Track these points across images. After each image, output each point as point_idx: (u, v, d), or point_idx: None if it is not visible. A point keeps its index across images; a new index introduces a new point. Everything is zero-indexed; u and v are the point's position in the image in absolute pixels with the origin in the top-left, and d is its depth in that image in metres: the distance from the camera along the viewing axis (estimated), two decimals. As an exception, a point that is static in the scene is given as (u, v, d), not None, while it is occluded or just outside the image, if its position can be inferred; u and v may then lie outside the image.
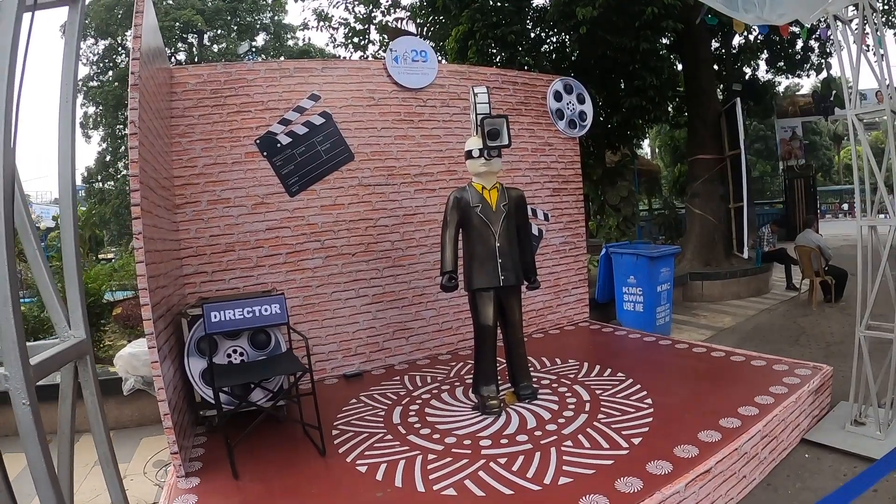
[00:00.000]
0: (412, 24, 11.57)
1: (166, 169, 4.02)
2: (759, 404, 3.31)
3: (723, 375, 4.01)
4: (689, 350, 4.70)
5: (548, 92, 5.71)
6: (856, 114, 3.41)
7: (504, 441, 3.14)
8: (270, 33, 24.29)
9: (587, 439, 3.05)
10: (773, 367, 3.99)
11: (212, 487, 2.85)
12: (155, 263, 3.13)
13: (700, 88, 9.82)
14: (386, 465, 2.96)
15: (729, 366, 4.20)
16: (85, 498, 3.83)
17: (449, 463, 2.92)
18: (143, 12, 3.11)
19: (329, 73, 4.70)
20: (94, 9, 19.83)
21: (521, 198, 3.79)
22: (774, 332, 6.43)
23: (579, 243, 5.94)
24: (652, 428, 3.13)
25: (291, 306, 4.48)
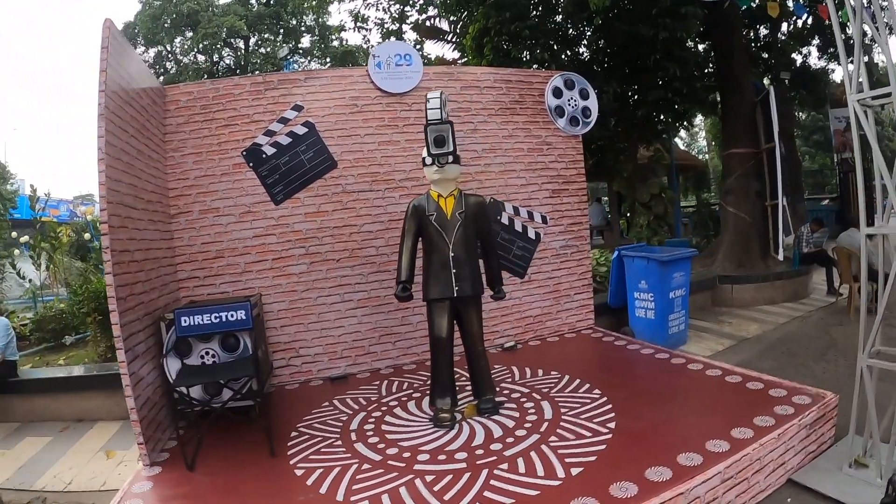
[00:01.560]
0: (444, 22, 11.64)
1: (156, 182, 4.26)
2: (734, 438, 2.97)
3: (708, 399, 3.72)
4: (683, 366, 4.40)
5: (546, 89, 5.56)
6: (857, 99, 2.98)
7: (442, 457, 3.11)
8: (315, 35, 24.87)
9: (525, 463, 2.94)
10: (769, 391, 3.64)
11: (168, 476, 3.16)
12: (129, 273, 3.44)
13: (733, 78, 9.33)
14: (321, 470, 3.04)
15: (720, 387, 3.88)
16: (82, 480, 4.35)
17: (378, 475, 2.94)
18: (107, 48, 3.32)
19: (312, 82, 4.82)
20: (141, 18, 20.92)
21: (479, 204, 3.71)
22: (801, 344, 6.02)
23: (583, 246, 5.78)
24: (600, 457, 2.93)
25: (277, 310, 4.70)
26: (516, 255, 5.33)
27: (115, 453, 4.96)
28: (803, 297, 8.43)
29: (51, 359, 8.07)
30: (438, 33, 11.48)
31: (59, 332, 8.58)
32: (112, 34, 3.45)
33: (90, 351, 7.69)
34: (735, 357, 5.69)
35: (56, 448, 5.31)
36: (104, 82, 3.26)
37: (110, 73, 3.36)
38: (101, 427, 5.65)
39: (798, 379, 4.35)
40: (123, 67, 3.67)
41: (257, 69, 22.00)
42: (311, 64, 24.67)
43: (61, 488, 4.51)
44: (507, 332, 5.31)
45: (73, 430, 5.73)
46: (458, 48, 10.41)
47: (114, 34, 3.49)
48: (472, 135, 5.22)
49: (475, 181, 5.17)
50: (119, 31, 3.69)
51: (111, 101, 3.35)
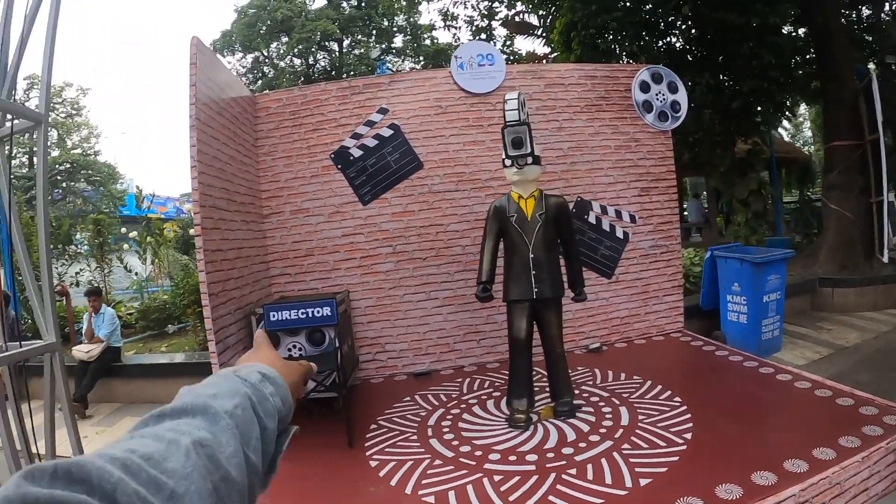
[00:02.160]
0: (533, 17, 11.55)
1: (248, 185, 4.51)
2: (815, 458, 2.73)
3: (793, 413, 3.47)
4: (772, 376, 4.09)
5: (633, 83, 5.37)
6: None
7: (512, 458, 3.09)
8: (407, 34, 25.30)
9: (594, 470, 2.86)
10: (859, 409, 3.30)
11: None
12: (221, 271, 3.67)
13: (833, 64, 8.68)
14: (394, 463, 3.11)
15: (807, 402, 3.58)
16: None
17: (448, 471, 2.97)
18: (195, 63, 3.55)
19: (396, 86, 4.90)
20: (238, 26, 21.99)
21: (560, 205, 3.65)
22: (903, 357, 5.62)
23: (673, 246, 5.56)
24: (671, 469, 2.80)
25: (365, 306, 4.83)
26: (604, 255, 5.21)
27: (207, 436, 5.27)
28: (910, 303, 7.79)
29: (153, 346, 8.70)
30: (528, 28, 11.41)
31: (162, 321, 9.22)
32: (199, 50, 3.67)
33: (190, 339, 8.23)
34: (830, 368, 5.37)
35: (153, 428, 5.71)
36: (194, 95, 3.49)
37: (199, 86, 3.58)
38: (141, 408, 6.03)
39: (895, 395, 4.03)
40: (213, 80, 3.89)
41: (352, 70, 22.69)
42: (405, 63, 25.17)
43: None
44: (592, 334, 5.20)
45: (169, 413, 6.14)
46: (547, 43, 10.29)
47: (201, 50, 3.71)
48: (558, 133, 5.13)
49: (561, 180, 5.09)
50: (206, 47, 3.91)
51: (202, 112, 3.58)
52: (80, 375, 6.47)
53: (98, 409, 6.53)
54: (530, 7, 10.64)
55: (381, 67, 18.79)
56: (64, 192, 23.78)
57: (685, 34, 8.87)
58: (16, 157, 19.94)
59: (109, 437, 5.54)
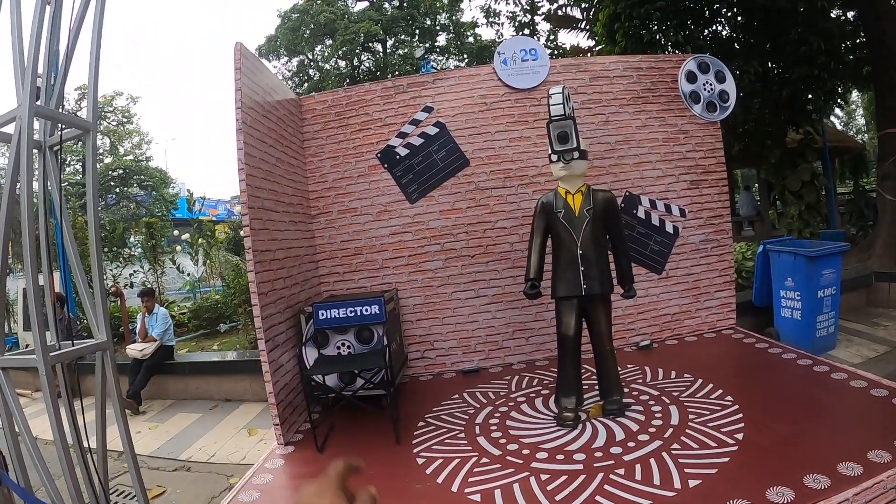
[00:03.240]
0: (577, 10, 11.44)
1: (296, 186, 4.60)
2: (869, 461, 2.61)
3: (848, 414, 3.33)
4: (826, 375, 3.96)
5: (679, 74, 5.26)
6: None
7: (560, 457, 3.06)
8: (450, 32, 25.36)
9: (643, 470, 2.80)
10: None
11: (299, 456, 3.49)
12: (270, 271, 3.78)
13: (884, 48, 8.32)
14: (441, 460, 3.14)
15: (863, 402, 3.44)
16: (224, 453, 5.03)
17: (494, 469, 2.97)
18: (240, 69, 3.65)
19: (440, 84, 4.93)
20: (282, 31, 22.40)
21: (608, 200, 3.60)
22: (962, 353, 5.37)
23: (724, 240, 5.42)
24: (721, 471, 2.72)
25: (413, 304, 4.88)
26: (653, 251, 5.12)
27: (257, 431, 5.45)
28: (972, 297, 7.42)
29: (206, 344, 8.94)
30: (571, 22, 11.32)
31: (214, 320, 9.48)
32: (243, 55, 3.77)
33: (241, 338, 8.43)
34: (887, 366, 5.16)
35: (204, 424, 5.91)
36: (240, 100, 3.60)
37: (245, 90, 3.69)
38: (247, 407, 6.22)
39: None
40: (257, 84, 3.99)
41: (396, 70, 22.86)
42: (449, 61, 25.25)
43: (205, 459, 5.05)
44: (642, 330, 5.13)
45: (220, 409, 6.35)
46: (591, 36, 10.18)
47: (245, 55, 3.80)
48: (604, 126, 5.07)
49: (609, 174, 5.04)
50: (250, 52, 4.00)
51: (248, 116, 3.69)
52: (134, 373, 6.70)
53: (151, 405, 6.75)
54: (573, 1, 10.54)
55: (426, 66, 18.85)
56: (118, 197, 24.70)
57: (731, 21, 8.63)
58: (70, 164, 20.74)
59: (162, 433, 5.74)
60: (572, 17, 11.18)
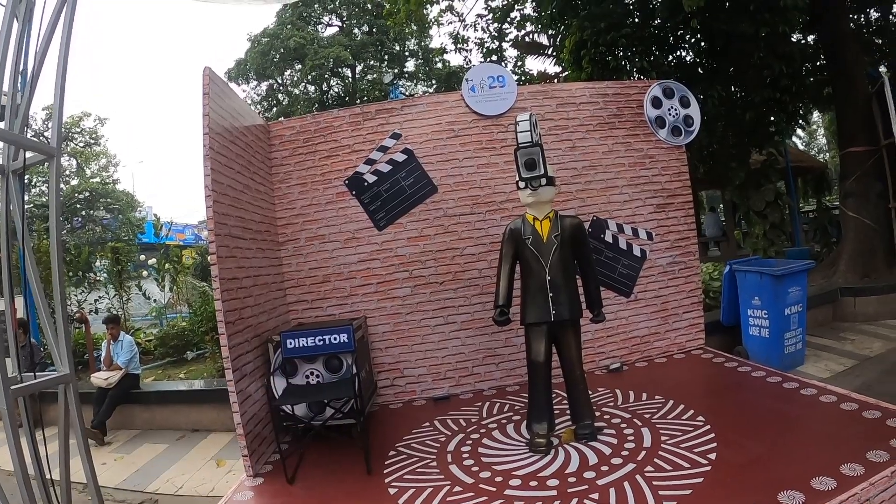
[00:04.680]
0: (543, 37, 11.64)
1: (263, 213, 4.55)
2: (842, 475, 2.66)
3: (819, 429, 3.39)
4: (796, 391, 4.02)
5: (644, 99, 5.36)
6: None
7: (533, 483, 3.04)
8: (419, 58, 25.55)
9: (617, 494, 2.80)
10: (886, 421, 3.24)
11: (269, 488, 3.42)
12: (237, 299, 3.70)
13: (844, 70, 8.63)
14: (413, 490, 3.09)
15: (833, 416, 3.51)
16: (192, 485, 4.89)
17: (468, 498, 2.94)
18: (208, 94, 3.61)
19: (408, 110, 4.95)
20: (251, 55, 22.38)
21: (576, 226, 3.63)
22: (930, 365, 5.50)
23: (691, 262, 5.49)
24: (696, 491, 2.73)
25: (382, 332, 4.83)
26: (621, 274, 5.16)
27: (226, 462, 5.32)
28: (934, 310, 7.63)
29: (172, 372, 8.73)
30: (538, 48, 11.51)
31: (180, 347, 9.27)
32: (212, 80, 3.74)
33: (209, 366, 8.25)
34: (856, 380, 5.27)
35: (171, 455, 5.76)
36: (207, 126, 3.57)
37: (212, 116, 3.66)
38: (215, 437, 6.07)
39: None
40: (225, 110, 3.96)
41: (365, 96, 22.96)
42: (417, 87, 25.41)
43: (172, 492, 4.91)
44: (612, 354, 5.14)
45: (188, 439, 6.18)
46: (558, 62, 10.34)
47: (213, 80, 3.77)
48: (571, 152, 5.12)
49: (577, 199, 5.08)
50: (219, 77, 3.96)
51: (215, 141, 3.65)
52: (99, 402, 6.51)
53: (117, 435, 6.56)
54: (540, 27, 10.72)
55: (395, 92, 19.03)
56: (84, 220, 24.23)
57: (695, 47, 8.86)
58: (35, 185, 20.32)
59: (128, 464, 5.57)
60: (539, 43, 11.39)
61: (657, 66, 8.04)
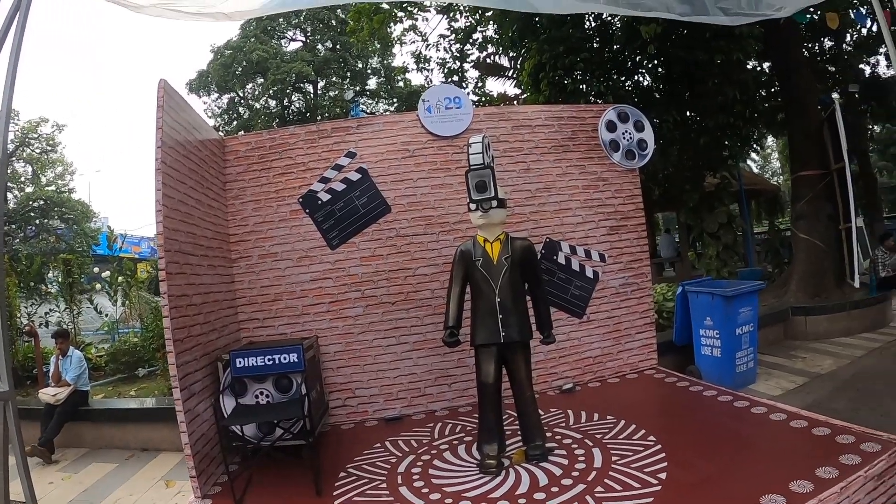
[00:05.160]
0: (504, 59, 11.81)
1: (216, 229, 4.47)
2: (792, 492, 2.72)
3: (769, 447, 3.44)
4: (746, 410, 4.11)
5: (599, 123, 5.47)
6: None
7: None
8: (381, 76, 25.59)
9: None
10: (836, 438, 3.33)
11: None
12: (187, 316, 3.65)
13: (796, 96, 8.98)
14: None
15: (783, 434, 3.59)
16: None
17: None
18: (162, 106, 3.55)
19: (364, 129, 4.95)
20: (214, 67, 22.17)
21: (526, 248, 3.67)
22: (878, 380, 5.63)
23: (643, 283, 5.59)
24: None
25: (334, 351, 4.79)
26: (574, 296, 5.21)
27: (175, 483, 5.18)
28: (882, 327, 7.92)
29: (123, 389, 8.47)
30: (499, 70, 11.70)
31: (132, 364, 9.01)
32: (167, 93, 3.69)
33: (160, 383, 8.03)
34: (807, 397, 5.39)
35: (120, 475, 5.58)
36: (160, 139, 3.52)
37: (166, 129, 3.61)
38: (164, 457, 5.91)
39: (874, 420, 4.03)
40: (180, 124, 3.90)
41: (326, 112, 22.92)
42: (379, 105, 25.45)
43: None
44: (565, 374, 5.18)
45: (137, 459, 6.00)
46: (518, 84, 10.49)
47: (168, 92, 3.72)
48: (526, 174, 5.18)
49: (530, 221, 5.13)
50: (174, 90, 3.90)
51: (168, 155, 3.60)
52: (47, 419, 6.27)
53: (65, 454, 6.33)
54: (501, 49, 10.89)
55: (356, 109, 18.96)
56: (37, 230, 23.46)
57: (652, 72, 9.09)
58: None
59: (75, 484, 5.38)
60: (500, 65, 11.59)
61: (615, 91, 8.21)
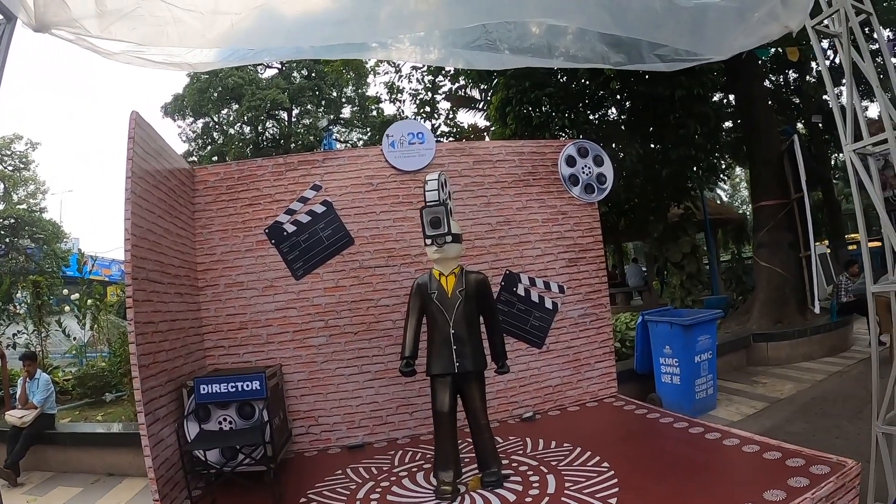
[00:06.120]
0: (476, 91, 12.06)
1: (183, 258, 4.57)
2: None
3: (720, 472, 3.62)
4: (701, 436, 4.28)
5: (559, 158, 5.66)
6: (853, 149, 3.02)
7: None
8: (355, 105, 25.77)
9: None
10: (786, 461, 3.49)
11: None
12: (152, 343, 3.74)
13: (758, 128, 9.32)
14: None
15: (735, 459, 3.76)
16: None
17: None
18: (133, 138, 3.68)
19: (329, 163, 5.10)
20: (189, 91, 22.20)
21: (480, 281, 3.82)
22: (837, 403, 5.85)
23: (602, 314, 5.75)
24: None
25: (298, 380, 4.87)
26: (533, 326, 5.36)
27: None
28: (843, 351, 8.21)
29: (90, 414, 8.37)
30: (470, 102, 11.96)
31: (99, 388, 8.91)
32: (138, 124, 3.81)
33: (127, 408, 7.96)
34: (766, 421, 5.55)
35: (85, 499, 5.56)
36: (130, 170, 3.63)
37: (136, 160, 3.72)
38: (129, 482, 5.88)
39: (829, 442, 4.18)
40: (151, 155, 4.02)
41: (300, 140, 22.95)
42: (352, 134, 25.56)
43: None
44: (525, 403, 5.29)
45: (102, 483, 5.97)
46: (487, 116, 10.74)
47: (139, 124, 3.84)
48: (486, 208, 5.35)
49: (490, 254, 5.28)
50: (146, 122, 4.02)
51: (138, 185, 3.71)
52: (13, 442, 6.23)
53: (30, 476, 6.26)
54: (471, 82, 11.14)
55: (328, 138, 19.10)
56: (7, 249, 23.05)
57: (617, 105, 9.37)
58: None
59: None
60: (471, 97, 11.84)
61: (578, 124, 8.46)
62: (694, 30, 3.53)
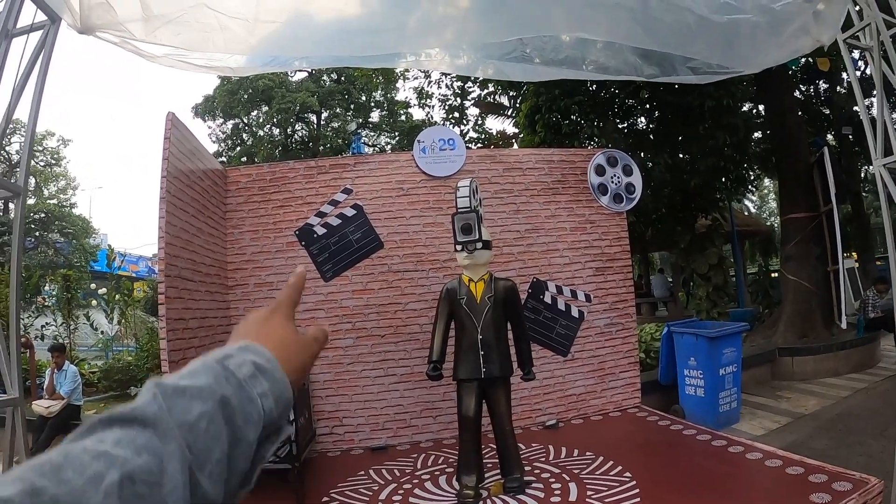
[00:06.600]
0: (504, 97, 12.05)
1: (215, 257, 4.65)
2: None
3: (741, 486, 3.58)
4: (724, 449, 4.22)
5: (588, 167, 5.66)
6: (883, 163, 3.01)
7: None
8: (384, 110, 25.92)
9: None
10: (808, 477, 3.44)
11: None
12: (182, 339, 3.79)
13: (787, 139, 9.22)
14: None
15: (757, 473, 3.72)
16: None
17: None
18: (169, 138, 3.75)
19: (360, 167, 5.14)
20: (220, 92, 22.52)
21: (509, 288, 3.83)
22: (861, 420, 5.77)
23: (628, 324, 5.72)
24: None
25: (323, 380, 4.91)
26: (559, 334, 5.35)
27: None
28: (869, 367, 8.07)
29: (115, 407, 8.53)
30: (499, 109, 11.94)
31: (125, 382, 9.09)
32: (174, 125, 3.88)
33: (152, 404, 8.10)
34: (789, 436, 5.49)
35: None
36: (166, 169, 3.70)
37: (172, 160, 3.79)
38: None
39: (853, 459, 4.12)
40: (185, 155, 4.09)
41: (328, 143, 23.13)
42: (381, 138, 25.70)
43: None
44: (549, 410, 5.28)
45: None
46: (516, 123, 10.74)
47: (175, 125, 3.92)
48: (515, 216, 5.36)
49: (518, 261, 5.29)
50: (181, 122, 4.10)
51: (172, 185, 3.77)
52: (39, 430, 6.42)
53: (53, 465, 6.42)
54: (500, 89, 11.13)
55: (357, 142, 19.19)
56: (36, 242, 23.58)
57: (647, 115, 9.33)
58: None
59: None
60: (500, 104, 11.80)
61: (609, 133, 8.44)
62: (727, 44, 3.52)
